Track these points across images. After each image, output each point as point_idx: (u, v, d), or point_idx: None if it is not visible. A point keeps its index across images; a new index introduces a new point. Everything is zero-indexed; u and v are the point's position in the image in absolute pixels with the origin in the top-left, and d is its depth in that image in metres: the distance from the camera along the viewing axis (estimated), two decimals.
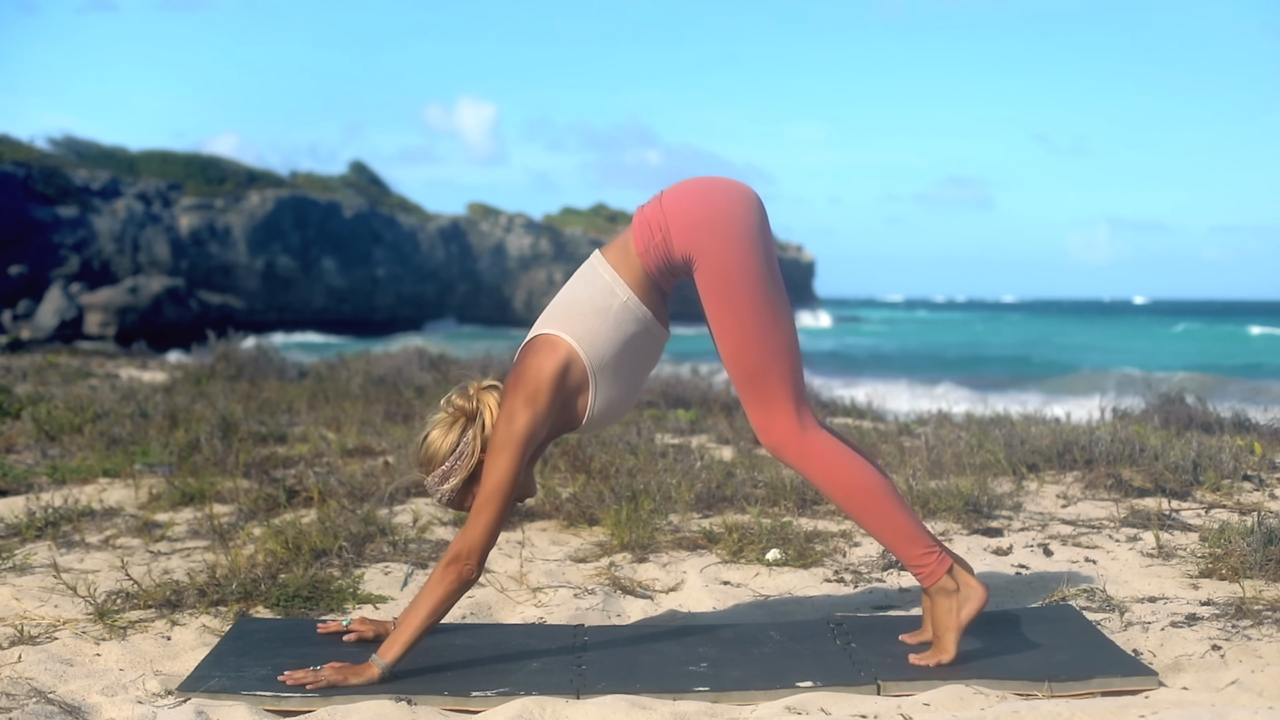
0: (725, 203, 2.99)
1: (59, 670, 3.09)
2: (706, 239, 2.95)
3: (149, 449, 6.11)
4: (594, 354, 3.00)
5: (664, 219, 2.98)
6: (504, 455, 2.93)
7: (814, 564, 4.10)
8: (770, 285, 2.98)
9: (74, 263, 44.56)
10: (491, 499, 2.92)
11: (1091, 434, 5.63)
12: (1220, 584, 3.71)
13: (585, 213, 65.93)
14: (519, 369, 3.02)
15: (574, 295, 3.05)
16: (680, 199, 3.01)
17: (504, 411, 2.98)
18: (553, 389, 2.98)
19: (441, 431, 3.05)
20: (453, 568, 2.91)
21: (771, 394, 2.97)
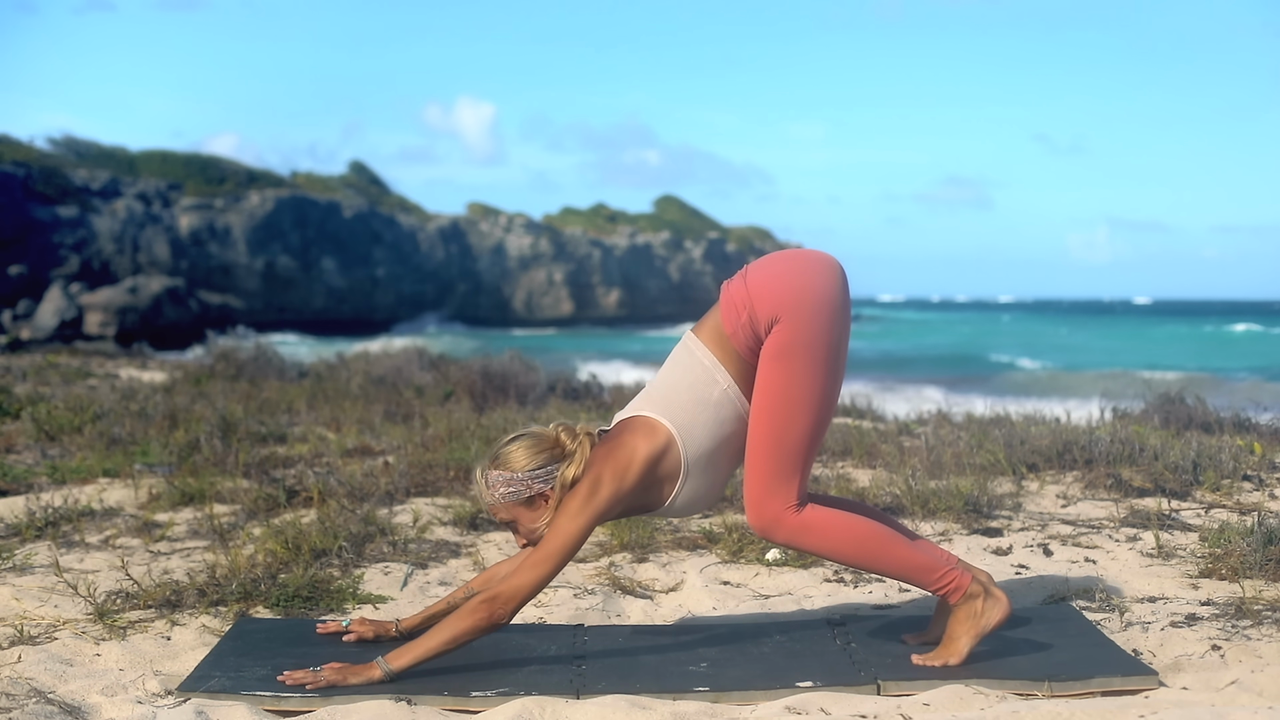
0: (810, 278, 2.99)
1: (59, 670, 3.09)
2: (786, 310, 2.94)
3: (149, 449, 6.11)
4: (692, 445, 3.00)
5: (749, 297, 2.98)
6: (576, 521, 2.93)
7: (814, 564, 4.10)
8: (831, 367, 2.97)
9: (74, 263, 44.59)
10: (551, 559, 2.91)
11: (1091, 434, 5.63)
12: (1220, 584, 3.71)
13: (585, 213, 66.00)
14: (615, 443, 3.01)
15: (674, 380, 3.04)
16: (764, 275, 3.00)
17: (590, 476, 2.97)
18: (643, 472, 2.98)
19: (533, 449, 3.05)
20: (486, 607, 2.91)
21: (783, 472, 2.96)
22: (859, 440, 6.09)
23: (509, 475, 3.04)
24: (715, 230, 70.32)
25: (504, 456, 3.06)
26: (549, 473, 3.04)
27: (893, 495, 4.86)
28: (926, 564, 3.01)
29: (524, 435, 3.09)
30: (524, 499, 3.04)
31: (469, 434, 6.20)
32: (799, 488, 2.98)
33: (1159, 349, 43.58)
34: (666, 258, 64.75)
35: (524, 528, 3.08)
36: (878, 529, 3.03)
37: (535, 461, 3.04)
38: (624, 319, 59.79)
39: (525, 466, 3.04)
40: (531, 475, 3.03)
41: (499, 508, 3.07)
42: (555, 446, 3.06)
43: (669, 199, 71.59)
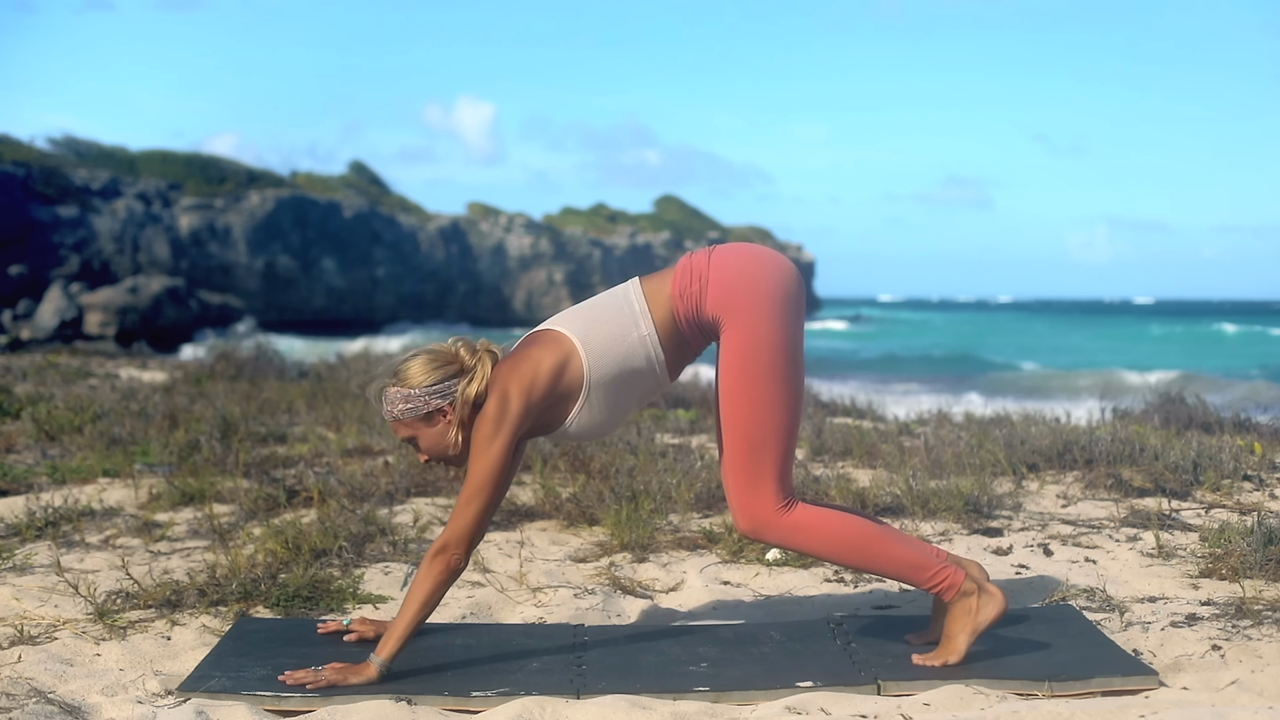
0: (767, 274, 3.01)
1: (59, 670, 3.09)
2: (741, 305, 2.97)
3: (149, 449, 6.11)
4: (596, 368, 3.00)
5: (708, 272, 3.00)
6: (495, 443, 2.93)
7: (814, 564, 4.10)
8: (791, 365, 2.99)
9: (74, 263, 44.57)
10: (482, 489, 2.92)
11: (1091, 434, 5.63)
12: (1220, 584, 3.71)
13: (585, 212, 65.96)
14: (519, 356, 3.02)
15: (599, 310, 3.06)
16: (728, 258, 3.03)
17: (497, 393, 2.97)
18: (549, 383, 2.98)
19: (431, 364, 3.04)
20: (440, 558, 2.91)
21: (763, 472, 2.97)
22: (859, 440, 6.09)
23: (407, 392, 3.03)
24: (715, 230, 70.26)
25: (402, 373, 3.05)
26: (447, 388, 3.02)
27: (893, 495, 4.85)
28: (919, 561, 3.01)
29: (422, 351, 3.08)
30: (422, 415, 3.02)
31: None
32: (783, 487, 2.99)
33: (1140, 349, 43.71)
34: (667, 258, 64.70)
35: (425, 444, 3.06)
36: (870, 527, 3.03)
37: (433, 377, 3.02)
38: None
39: (423, 383, 3.02)
40: (429, 391, 3.02)
41: (399, 424, 3.06)
42: (454, 362, 3.05)
43: (669, 199, 71.57)
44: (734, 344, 2.96)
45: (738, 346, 2.96)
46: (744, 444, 2.96)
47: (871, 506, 4.73)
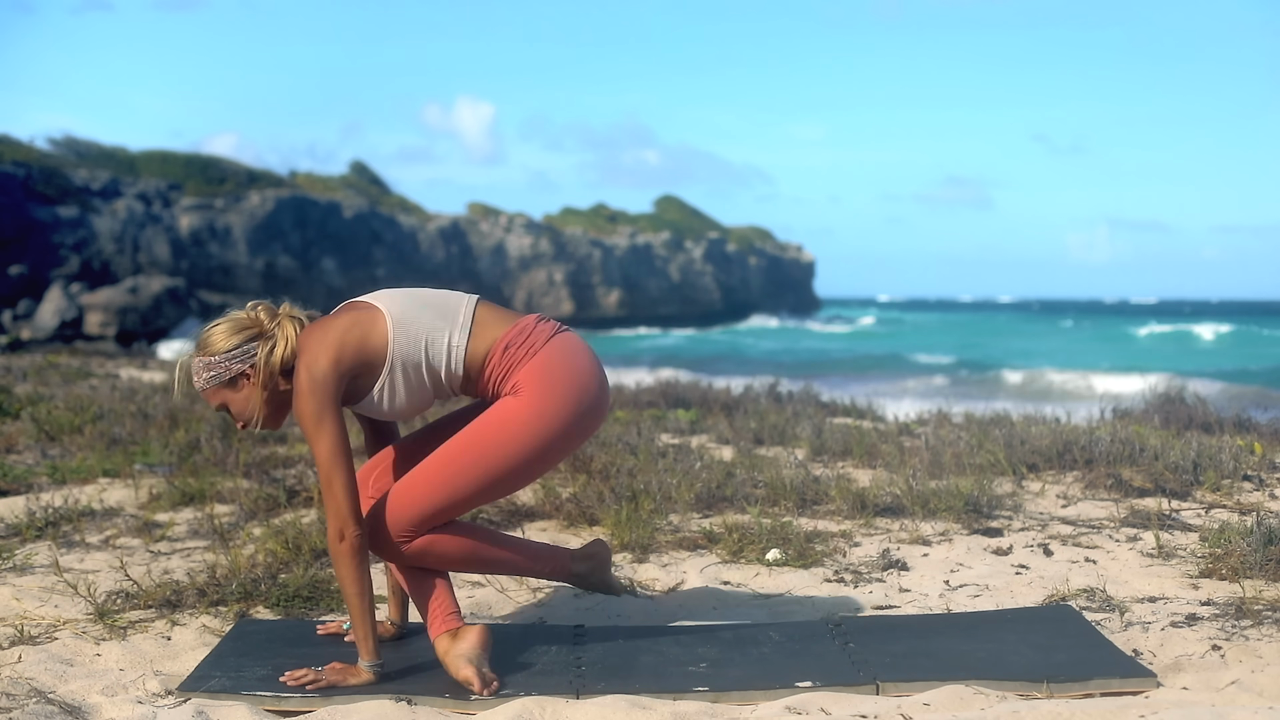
0: (582, 385, 3.01)
1: (59, 670, 3.09)
2: (540, 388, 2.96)
3: (149, 449, 6.11)
4: (400, 346, 2.98)
5: (541, 349, 3.00)
6: (323, 421, 2.89)
7: (814, 564, 4.10)
8: (536, 464, 3.00)
9: (74, 263, 44.57)
10: (333, 465, 2.89)
11: (1091, 434, 5.63)
12: (1220, 584, 3.71)
13: (585, 213, 65.96)
14: (327, 322, 3.02)
15: (426, 301, 3.05)
16: (565, 351, 3.03)
17: (304, 360, 2.95)
18: (356, 347, 2.96)
19: (230, 330, 3.04)
20: (344, 545, 2.89)
21: (426, 515, 2.97)
22: (859, 440, 6.09)
23: (209, 359, 3.03)
24: (716, 230, 70.28)
25: (203, 341, 3.06)
26: (247, 352, 3.02)
27: (893, 495, 4.85)
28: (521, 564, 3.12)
29: (222, 319, 3.09)
30: (226, 381, 3.03)
31: None
32: (422, 529, 3.00)
33: (1118, 350, 43.83)
34: (667, 258, 64.72)
35: (235, 409, 3.05)
36: (476, 539, 3.08)
37: (232, 342, 3.03)
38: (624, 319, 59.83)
39: (222, 349, 3.02)
40: (229, 356, 3.02)
41: (208, 393, 3.06)
42: (253, 326, 3.05)
43: (669, 199, 71.56)
44: (511, 408, 2.98)
45: (513, 412, 2.97)
46: (442, 486, 2.97)
47: (871, 506, 4.73)
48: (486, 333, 3.02)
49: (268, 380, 3.01)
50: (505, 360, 3.00)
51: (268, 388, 3.02)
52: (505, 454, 2.96)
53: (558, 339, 3.05)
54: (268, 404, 3.04)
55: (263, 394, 3.02)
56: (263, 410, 3.04)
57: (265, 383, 3.01)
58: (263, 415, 3.04)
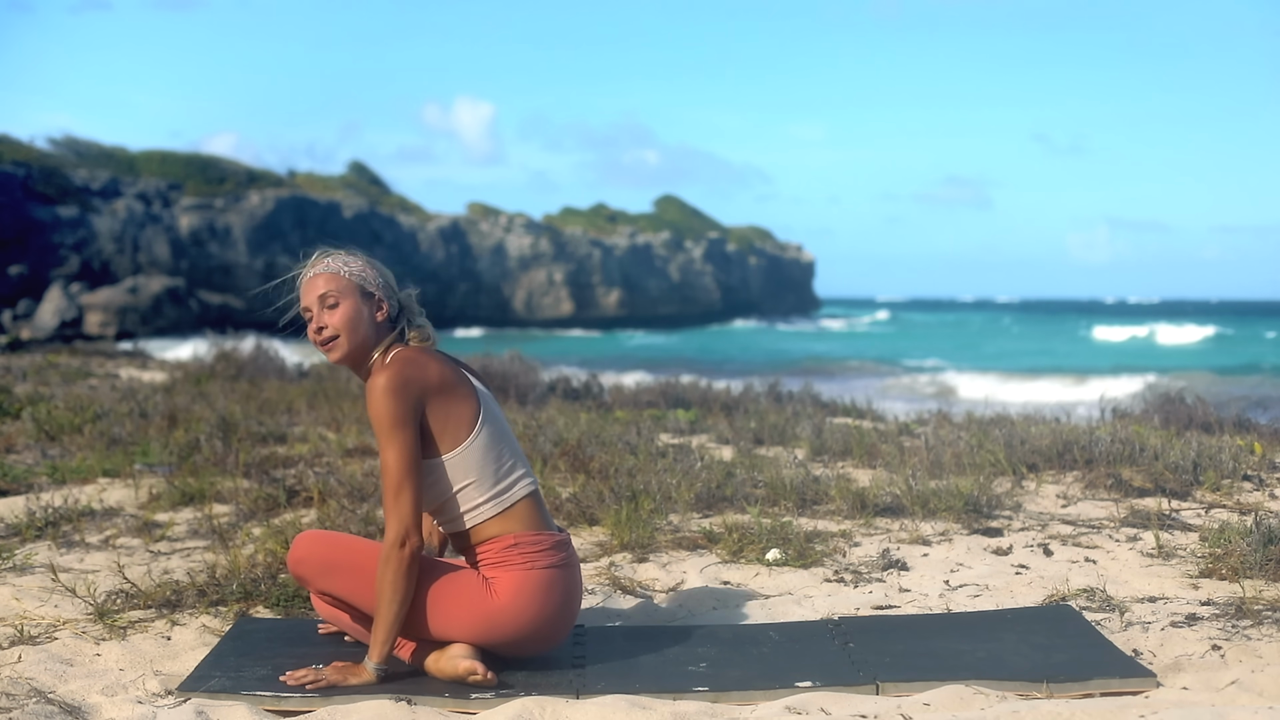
0: (543, 617, 3.02)
1: (59, 670, 3.09)
2: (505, 598, 2.98)
3: (149, 449, 6.11)
4: (455, 461, 3.03)
5: (531, 565, 3.01)
6: (401, 428, 2.90)
7: (814, 564, 4.10)
8: (480, 643, 3.02)
9: (74, 263, 44.57)
10: (406, 474, 2.89)
11: (1091, 434, 5.63)
12: (1220, 584, 3.71)
13: (585, 213, 65.93)
14: (454, 364, 3.12)
15: (503, 454, 3.06)
16: (548, 586, 3.02)
17: (409, 362, 2.98)
18: (443, 412, 3.00)
19: (387, 274, 3.13)
20: (403, 551, 2.88)
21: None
22: (859, 440, 6.09)
23: (362, 262, 3.11)
24: (715, 230, 70.27)
25: (355, 252, 3.14)
26: (391, 294, 3.10)
27: (893, 495, 4.85)
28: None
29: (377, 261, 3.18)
30: (366, 292, 3.06)
31: None
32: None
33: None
34: (667, 258, 64.71)
35: (342, 314, 3.02)
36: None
37: (383, 275, 3.12)
38: (624, 319, 59.81)
39: (375, 269, 3.11)
40: (380, 277, 3.10)
41: (334, 280, 3.05)
42: (396, 292, 3.14)
43: (669, 199, 71.54)
44: (482, 597, 3.04)
45: (481, 600, 3.03)
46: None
47: (871, 506, 4.73)
48: (509, 521, 3.03)
49: (378, 334, 3.03)
50: (503, 554, 3.00)
51: (372, 338, 3.03)
52: (456, 623, 2.98)
53: (557, 572, 3.04)
54: (360, 346, 3.03)
55: (374, 334, 3.03)
56: (356, 347, 3.02)
57: (379, 331, 3.04)
58: (354, 345, 3.02)
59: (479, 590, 2.98)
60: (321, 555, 3.07)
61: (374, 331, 3.05)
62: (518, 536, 3.01)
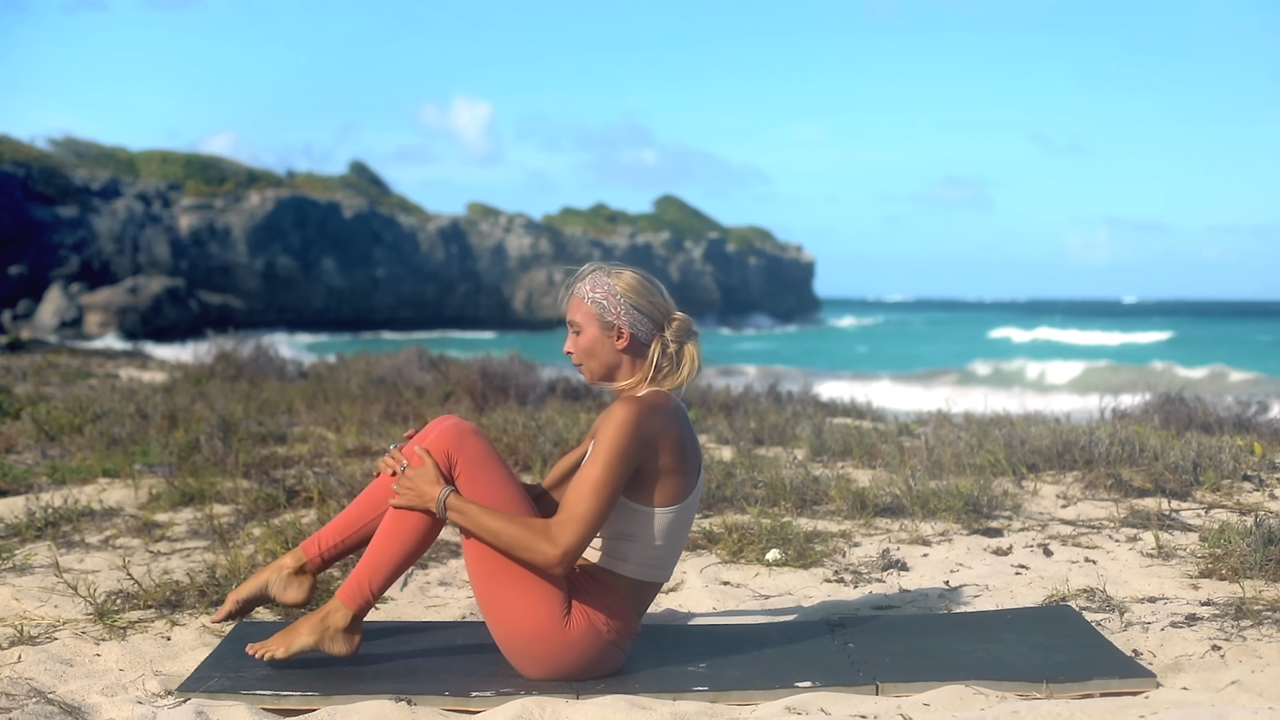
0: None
1: (59, 670, 3.09)
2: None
3: (149, 449, 6.11)
4: (673, 511, 3.06)
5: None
6: (623, 457, 2.86)
7: (814, 564, 4.10)
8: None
9: (74, 263, 44.58)
10: (599, 500, 2.85)
11: (1091, 434, 5.63)
12: (1220, 584, 3.71)
13: (585, 213, 65.95)
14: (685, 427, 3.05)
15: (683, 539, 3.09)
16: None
17: (654, 406, 2.94)
18: (675, 442, 2.97)
19: (649, 290, 3.01)
20: (559, 553, 2.83)
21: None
22: (859, 440, 6.09)
23: (610, 287, 3.00)
24: (715, 230, 70.29)
25: (618, 271, 3.03)
26: (641, 319, 3.00)
27: (893, 495, 4.85)
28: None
29: (653, 279, 3.07)
30: (605, 319, 3.00)
31: None
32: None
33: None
34: (666, 258, 64.73)
35: (584, 341, 3.01)
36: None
37: (641, 300, 3.00)
38: None
39: (628, 295, 3.00)
40: (628, 305, 2.99)
41: (580, 305, 3.02)
42: (663, 313, 3.02)
43: (669, 199, 71.55)
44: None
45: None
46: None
47: (871, 506, 4.73)
48: (637, 590, 3.02)
49: (635, 363, 3.00)
50: (603, 607, 2.96)
51: (624, 365, 3.00)
52: (516, 615, 2.96)
53: (620, 653, 3.02)
54: (604, 370, 3.02)
55: (618, 361, 3.00)
56: (599, 370, 3.02)
57: (632, 358, 3.00)
58: (597, 370, 3.02)
59: (557, 609, 2.92)
60: (486, 452, 3.00)
61: (617, 358, 3.02)
62: (625, 608, 2.99)
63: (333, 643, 3.04)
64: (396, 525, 3.01)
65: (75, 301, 43.53)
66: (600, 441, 2.88)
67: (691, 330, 3.05)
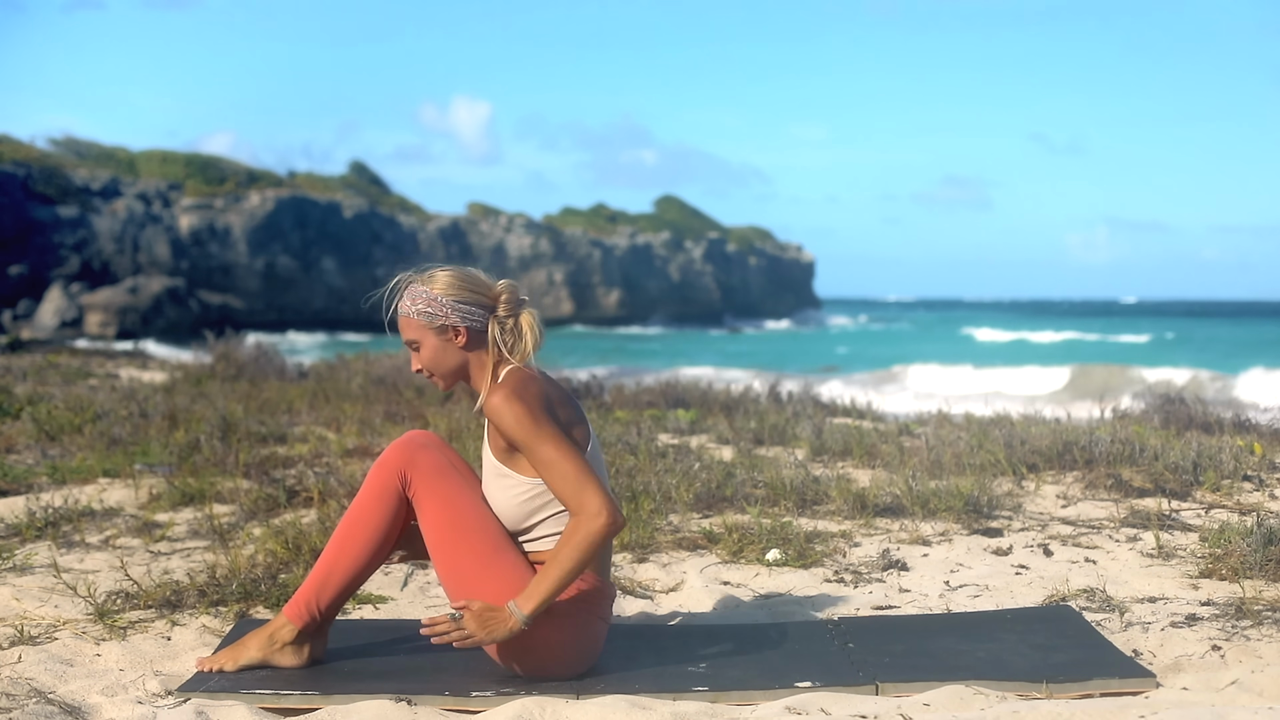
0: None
1: (59, 670, 3.09)
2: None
3: (149, 449, 6.11)
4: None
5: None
6: (546, 424, 2.88)
7: (814, 564, 4.10)
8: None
9: (74, 263, 44.56)
10: (577, 461, 2.86)
11: (1091, 434, 5.63)
12: (1220, 584, 3.71)
13: (585, 213, 65.93)
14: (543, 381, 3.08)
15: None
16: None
17: (520, 379, 2.95)
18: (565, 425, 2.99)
19: (464, 281, 3.01)
20: (600, 519, 2.82)
21: None
22: (859, 440, 6.09)
23: (429, 294, 3.00)
24: (715, 230, 70.28)
25: (430, 275, 3.03)
26: (471, 312, 3.00)
27: (893, 495, 4.85)
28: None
29: (463, 268, 3.07)
30: (436, 325, 3.00)
31: (469, 434, 6.20)
32: None
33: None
34: (667, 258, 64.72)
35: (425, 354, 3.02)
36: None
37: (460, 294, 3.00)
38: (624, 319, 59.83)
39: (447, 293, 3.00)
40: (452, 304, 2.99)
41: (408, 323, 3.02)
42: (489, 296, 3.02)
43: (669, 199, 71.55)
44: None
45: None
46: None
47: (871, 507, 4.73)
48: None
49: (480, 353, 3.00)
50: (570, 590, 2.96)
51: (471, 361, 3.01)
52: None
53: (602, 625, 3.04)
54: (455, 373, 3.03)
55: (461, 360, 3.01)
56: (451, 375, 3.03)
57: (476, 352, 3.00)
58: (447, 376, 3.03)
59: None
60: (437, 463, 3.02)
61: (463, 356, 3.02)
62: (585, 579, 2.96)
63: (281, 655, 3.06)
64: (347, 540, 3.03)
65: (75, 301, 43.53)
66: (513, 430, 2.88)
67: (519, 299, 3.05)
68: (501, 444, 2.97)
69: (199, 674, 3.03)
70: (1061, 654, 3.06)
